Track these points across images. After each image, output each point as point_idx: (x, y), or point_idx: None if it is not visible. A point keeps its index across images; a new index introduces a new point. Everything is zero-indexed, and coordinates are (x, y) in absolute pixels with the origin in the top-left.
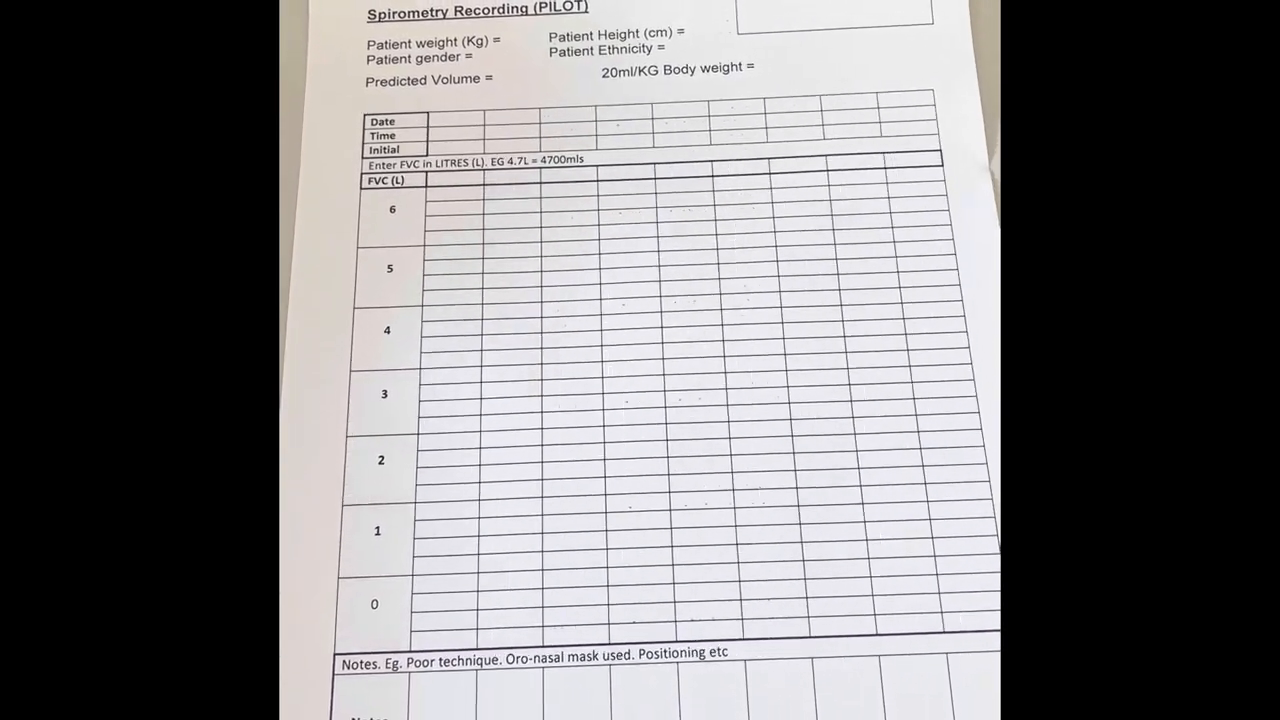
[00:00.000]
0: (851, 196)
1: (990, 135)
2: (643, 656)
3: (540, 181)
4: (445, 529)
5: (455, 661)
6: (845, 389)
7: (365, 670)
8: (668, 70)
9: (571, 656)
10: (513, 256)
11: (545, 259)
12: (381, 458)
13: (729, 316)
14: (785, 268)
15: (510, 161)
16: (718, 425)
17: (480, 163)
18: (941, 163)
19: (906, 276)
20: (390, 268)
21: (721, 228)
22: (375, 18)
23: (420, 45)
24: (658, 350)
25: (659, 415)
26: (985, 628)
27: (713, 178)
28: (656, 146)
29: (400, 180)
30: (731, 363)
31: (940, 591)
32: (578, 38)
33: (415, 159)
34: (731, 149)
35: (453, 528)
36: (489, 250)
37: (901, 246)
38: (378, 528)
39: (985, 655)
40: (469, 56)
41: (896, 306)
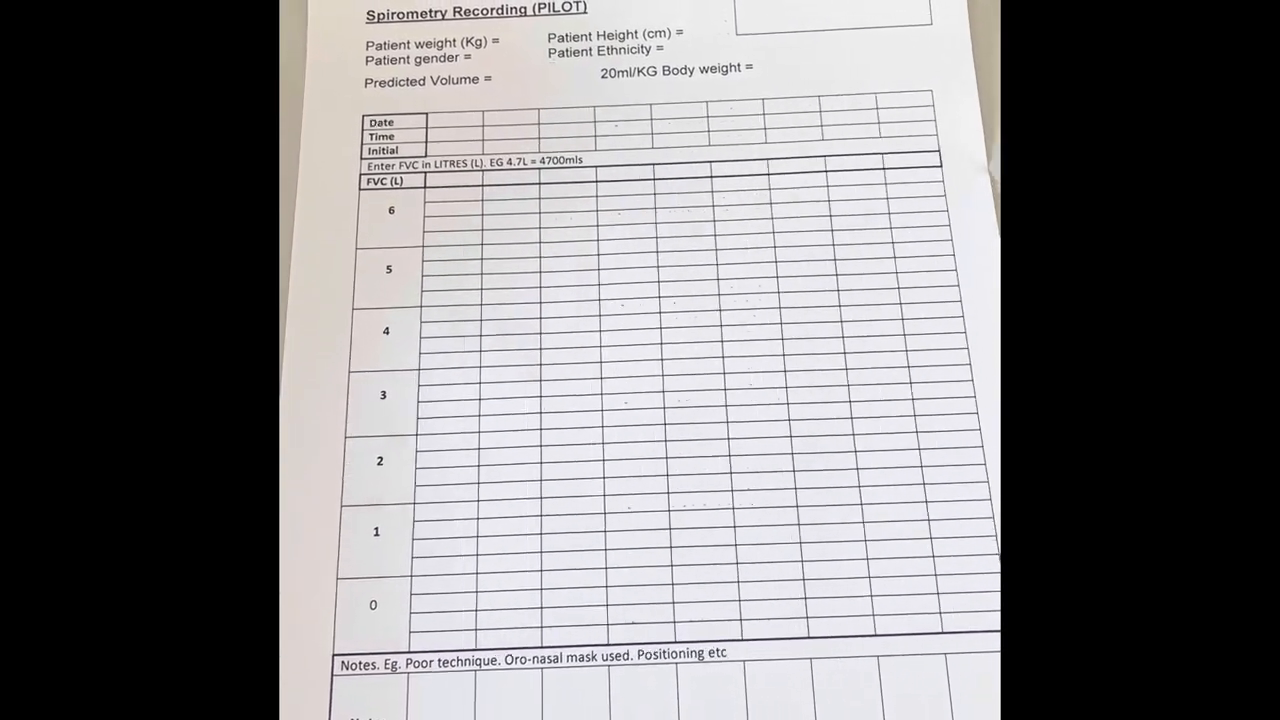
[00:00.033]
0: (850, 198)
1: (989, 136)
2: (641, 657)
3: (539, 182)
4: (444, 530)
5: (454, 662)
6: (844, 389)
7: (364, 671)
8: (666, 71)
9: (570, 657)
10: (511, 257)
11: (544, 260)
12: (380, 458)
13: (728, 317)
14: (784, 268)
15: (509, 162)
16: (717, 426)
17: (479, 163)
18: (940, 164)
19: (905, 277)
20: (389, 268)
21: (720, 229)
22: (374, 18)
23: (419, 46)
24: (656, 351)
25: (658, 416)
26: (984, 628)
27: (711, 178)
28: (655, 147)
29: (399, 181)
30: (730, 363)
31: (939, 592)
32: (576, 39)
33: (414, 160)
34: (730, 150)
35: (452, 528)
36: (488, 251)
37: (900, 247)
38: (376, 528)
39: (984, 656)
40: (468, 57)
41: (895, 307)
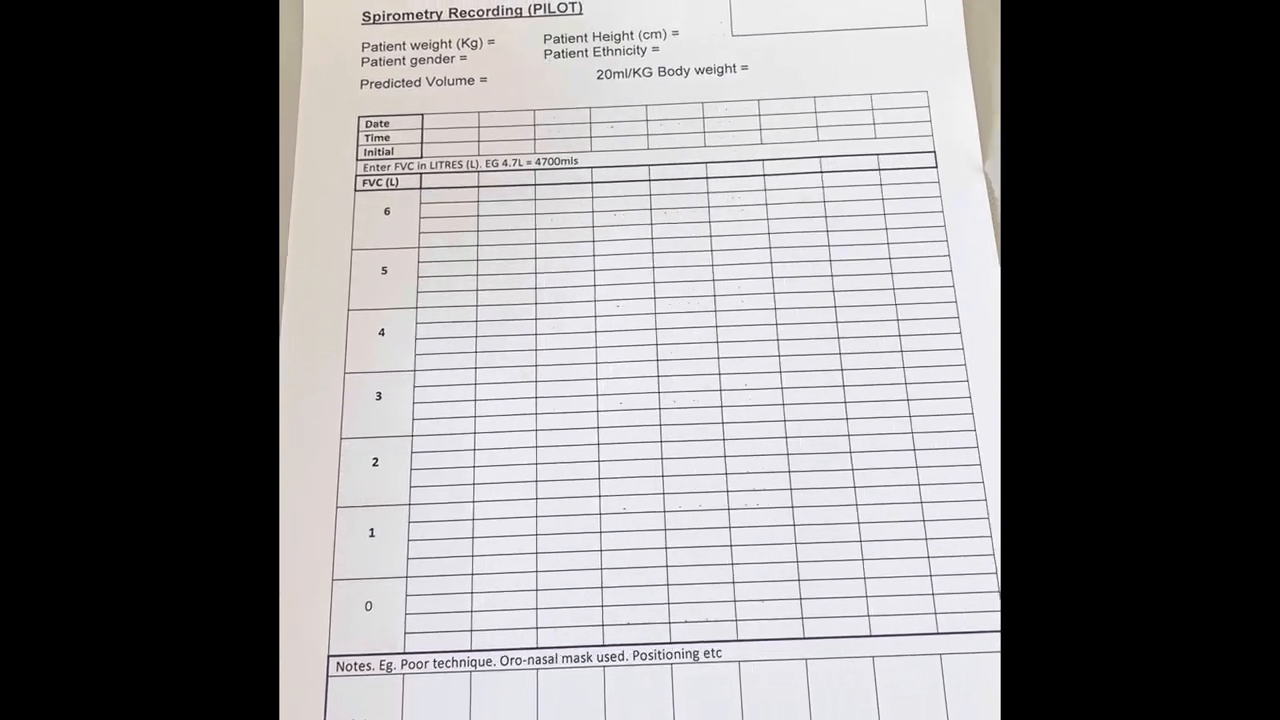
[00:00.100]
0: (846, 198)
1: (985, 136)
2: (637, 658)
3: (535, 184)
4: (439, 531)
5: (449, 663)
6: (839, 390)
7: (359, 672)
8: (662, 72)
9: (565, 658)
10: (507, 258)
11: (540, 261)
12: (376, 460)
13: (723, 318)
14: (779, 269)
15: (505, 163)
16: (712, 426)
17: (475, 165)
18: (936, 164)
19: (901, 278)
20: (385, 270)
21: (716, 229)
22: (370, 19)
23: (415, 47)
24: (652, 352)
25: (654, 417)
26: (980, 628)
27: (707, 179)
28: (651, 148)
29: (395, 182)
30: (726, 363)
31: (934, 593)
32: (572, 40)
33: (410, 161)
34: (726, 150)
35: (447, 529)
36: (484, 252)
37: (896, 248)
38: (372, 530)
39: (980, 656)
40: (463, 58)
41: (891, 308)
